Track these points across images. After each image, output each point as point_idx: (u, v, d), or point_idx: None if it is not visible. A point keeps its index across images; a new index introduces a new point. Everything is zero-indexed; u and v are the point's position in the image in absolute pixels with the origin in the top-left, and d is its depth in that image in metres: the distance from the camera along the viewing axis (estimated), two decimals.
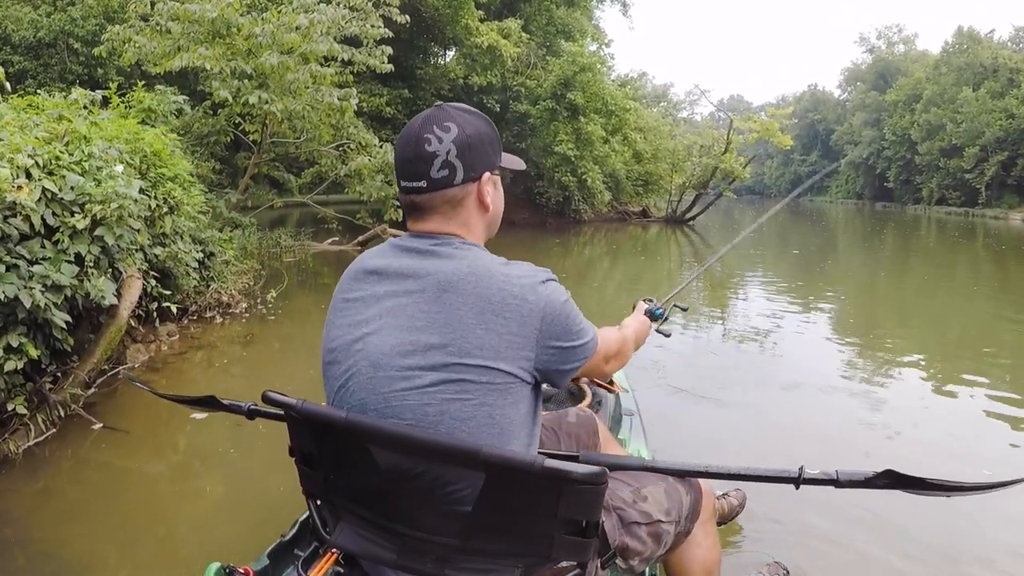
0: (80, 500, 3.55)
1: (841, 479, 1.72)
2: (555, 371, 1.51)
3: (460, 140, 1.49)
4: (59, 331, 4.23)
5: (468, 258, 1.46)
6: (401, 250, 1.51)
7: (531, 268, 1.50)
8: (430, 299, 1.41)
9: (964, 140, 48.08)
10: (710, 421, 4.95)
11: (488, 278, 1.42)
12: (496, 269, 1.44)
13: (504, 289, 1.41)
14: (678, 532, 1.90)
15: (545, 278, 1.49)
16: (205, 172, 11.67)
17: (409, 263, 1.47)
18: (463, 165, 1.50)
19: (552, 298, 1.46)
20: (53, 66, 18.92)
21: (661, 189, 29.97)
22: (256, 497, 3.55)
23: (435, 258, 1.46)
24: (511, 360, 1.39)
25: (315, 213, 15.37)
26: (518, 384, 1.42)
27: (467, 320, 1.38)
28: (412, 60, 24.10)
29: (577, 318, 1.53)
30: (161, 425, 4.63)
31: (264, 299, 8.37)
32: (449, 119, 1.50)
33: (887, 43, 75.79)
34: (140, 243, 5.51)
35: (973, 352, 7.46)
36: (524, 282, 1.44)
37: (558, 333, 1.47)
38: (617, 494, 1.82)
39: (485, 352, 1.37)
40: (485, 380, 1.37)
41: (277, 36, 10.34)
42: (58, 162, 4.72)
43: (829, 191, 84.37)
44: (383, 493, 1.41)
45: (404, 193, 1.53)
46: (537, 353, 1.43)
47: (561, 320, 1.47)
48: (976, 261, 18.98)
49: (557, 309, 1.46)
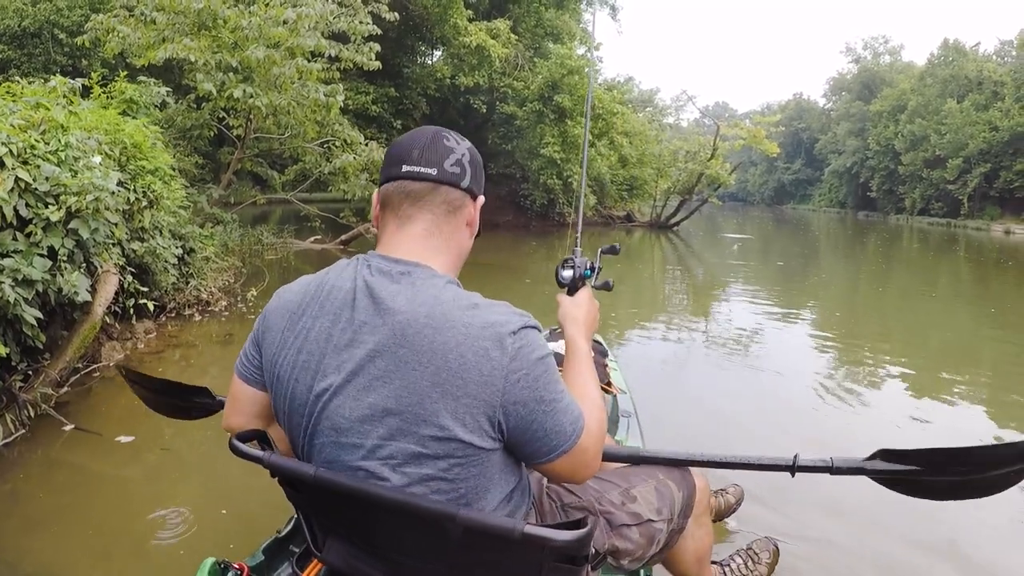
0: (50, 506, 3.38)
1: (835, 466, 1.74)
2: (523, 454, 1.32)
3: (473, 153, 1.44)
4: (30, 328, 4.07)
5: (428, 302, 1.25)
6: (367, 279, 1.30)
7: (503, 312, 1.28)
8: (387, 354, 1.23)
9: (948, 151, 48.42)
10: (708, 428, 4.85)
11: (446, 329, 1.22)
12: (457, 317, 1.23)
13: (463, 343, 1.21)
14: (671, 530, 1.88)
15: (518, 326, 1.26)
16: (187, 166, 11.51)
17: (366, 304, 1.27)
18: (472, 174, 1.42)
19: (522, 353, 1.23)
20: (37, 56, 18.66)
21: (646, 194, 30.07)
22: (239, 500, 3.39)
23: (395, 296, 1.26)
24: (472, 429, 1.22)
25: (298, 211, 15.22)
26: (483, 453, 1.25)
27: (421, 384, 1.20)
28: (399, 59, 23.94)
29: (554, 384, 1.28)
30: (136, 426, 4.44)
31: (244, 297, 8.20)
32: (459, 136, 1.44)
33: (873, 53, 76.34)
34: (117, 237, 5.36)
35: (955, 362, 7.43)
36: (489, 333, 1.22)
37: (525, 398, 1.23)
38: (606, 497, 1.80)
39: (441, 420, 1.20)
40: (444, 453, 1.22)
41: (264, 29, 10.17)
42: (33, 151, 4.55)
43: (812, 199, 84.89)
44: (367, 524, 1.33)
45: (403, 179, 1.37)
46: (501, 421, 1.23)
47: (529, 382, 1.23)
48: (958, 272, 19.06)
49: (526, 368, 1.23)
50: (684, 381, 6.26)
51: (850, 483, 1.94)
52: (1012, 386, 6.37)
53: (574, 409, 1.32)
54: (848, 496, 3.46)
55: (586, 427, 1.33)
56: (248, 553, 2.00)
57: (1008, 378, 6.75)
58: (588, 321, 1.81)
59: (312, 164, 13.21)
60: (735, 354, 7.21)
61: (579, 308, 1.83)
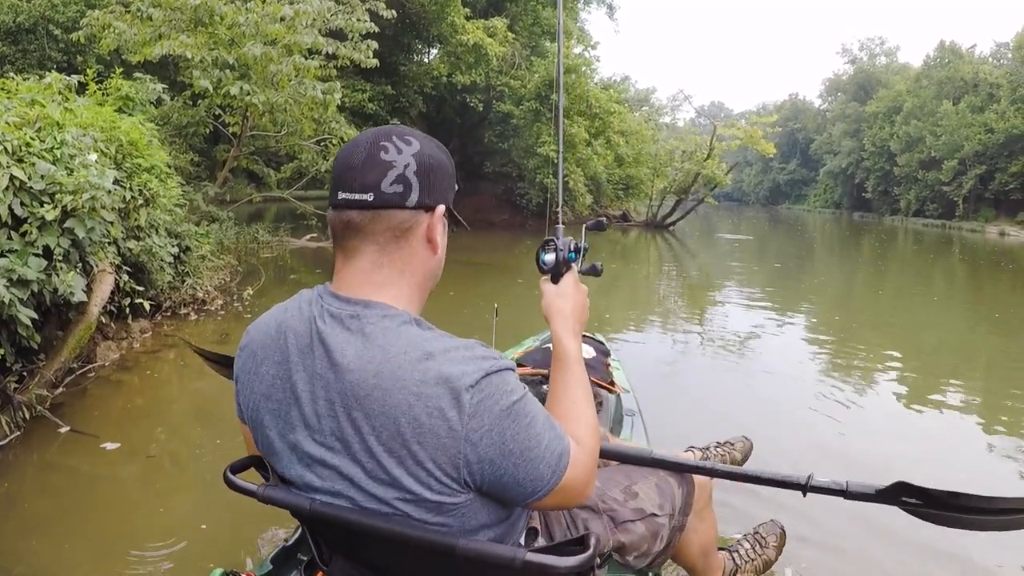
0: (46, 509, 3.33)
1: (850, 490, 1.66)
2: (501, 501, 1.22)
3: (422, 157, 1.22)
4: (25, 328, 4.01)
5: (376, 357, 1.13)
6: (319, 327, 1.20)
7: (461, 360, 1.13)
8: (343, 415, 1.14)
9: (943, 153, 48.49)
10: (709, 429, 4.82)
11: (396, 390, 1.10)
12: (407, 375, 1.10)
13: (415, 405, 1.09)
14: (673, 527, 1.87)
15: (477, 377, 1.11)
16: (183, 164, 11.44)
17: (320, 354, 1.17)
18: (420, 186, 1.21)
19: (483, 408, 1.11)
20: (32, 52, 18.54)
21: (641, 193, 30.04)
22: (237, 505, 3.34)
23: (345, 349, 1.15)
24: (439, 491, 1.13)
25: (293, 209, 15.16)
26: (459, 505, 1.16)
27: (378, 451, 1.12)
28: (395, 56, 23.85)
29: (524, 432, 1.15)
30: (132, 428, 4.41)
31: (241, 296, 8.15)
32: (410, 134, 1.25)
33: (869, 55, 76.37)
34: (113, 236, 5.31)
35: (950, 363, 7.47)
36: (443, 391, 1.10)
37: (490, 456, 1.12)
38: (608, 494, 1.78)
39: (405, 485, 1.13)
40: (417, 510, 1.15)
41: (261, 26, 10.11)
42: (28, 149, 4.50)
43: (807, 200, 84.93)
44: (368, 550, 1.30)
45: (338, 209, 1.22)
46: (467, 480, 1.14)
47: (493, 438, 1.12)
48: (953, 273, 19.08)
49: (488, 423, 1.11)
50: (682, 381, 6.24)
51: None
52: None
53: (555, 448, 1.19)
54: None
55: (572, 461, 1.22)
56: (256, 562, 2.00)
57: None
58: (576, 313, 1.60)
59: (308, 162, 13.15)
60: (734, 355, 7.19)
61: (565, 299, 1.61)
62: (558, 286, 1.64)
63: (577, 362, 1.47)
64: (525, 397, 1.17)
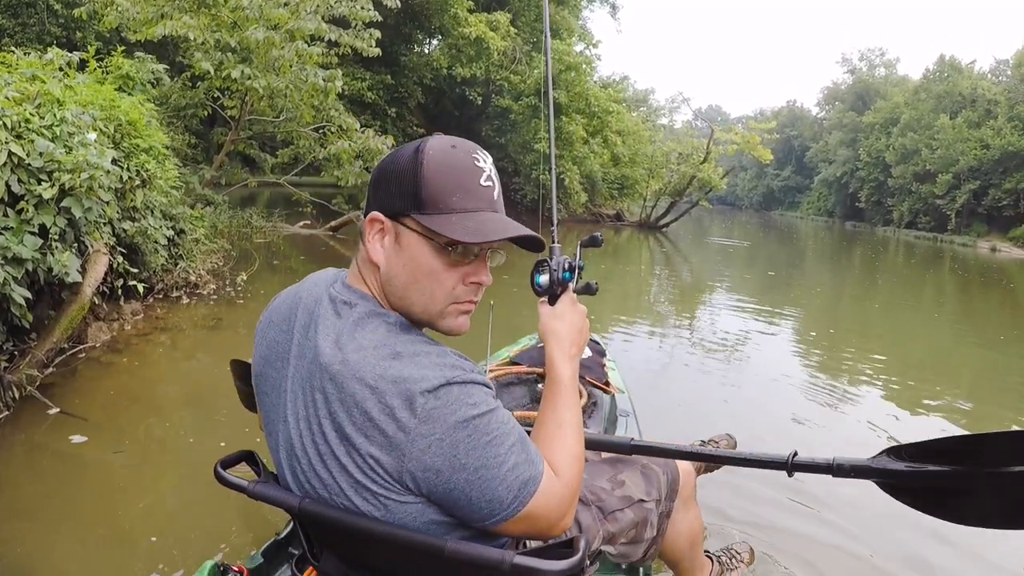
0: (33, 492, 3.28)
1: (837, 464, 1.56)
2: (456, 515, 1.18)
3: (380, 167, 1.26)
4: (17, 307, 3.96)
5: (349, 345, 1.15)
6: (322, 303, 1.25)
7: (425, 365, 1.12)
8: (308, 397, 1.18)
9: (938, 166, 48.72)
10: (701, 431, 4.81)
11: (355, 381, 1.11)
12: (369, 369, 1.11)
13: (369, 399, 1.09)
14: (660, 513, 1.90)
15: (436, 384, 1.09)
16: (180, 146, 11.37)
17: (312, 331, 1.22)
18: (371, 196, 1.26)
19: (436, 415, 1.08)
20: (31, 26, 18.45)
21: (636, 194, 30.03)
22: (225, 493, 3.30)
23: (327, 334, 1.19)
24: (385, 487, 1.13)
25: (286, 194, 15.07)
26: (412, 504, 1.16)
27: (331, 435, 1.14)
28: (396, 46, 23.80)
29: (482, 449, 1.11)
30: (122, 411, 4.37)
31: (234, 281, 8.08)
32: (422, 144, 1.23)
33: (868, 65, 76.58)
34: (109, 216, 5.24)
35: (936, 374, 7.51)
36: (399, 389, 1.08)
37: (437, 466, 1.09)
38: (596, 484, 1.80)
39: (353, 474, 1.14)
40: (374, 497, 1.15)
41: (265, 10, 10.06)
42: (27, 125, 4.42)
43: (800, 207, 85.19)
44: (357, 547, 1.30)
45: None
46: (410, 485, 1.12)
47: (444, 448, 1.09)
48: (943, 286, 19.15)
49: (440, 432, 1.08)
50: (671, 382, 6.23)
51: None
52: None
53: (521, 473, 1.15)
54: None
55: (542, 490, 1.17)
56: (246, 553, 1.99)
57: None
58: (572, 336, 1.53)
59: (306, 149, 13.09)
60: (723, 358, 7.19)
61: (561, 321, 1.55)
62: (554, 308, 1.59)
63: (570, 388, 1.42)
64: (492, 414, 1.14)
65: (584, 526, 1.69)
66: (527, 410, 2.56)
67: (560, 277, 1.62)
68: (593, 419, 2.88)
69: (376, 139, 12.53)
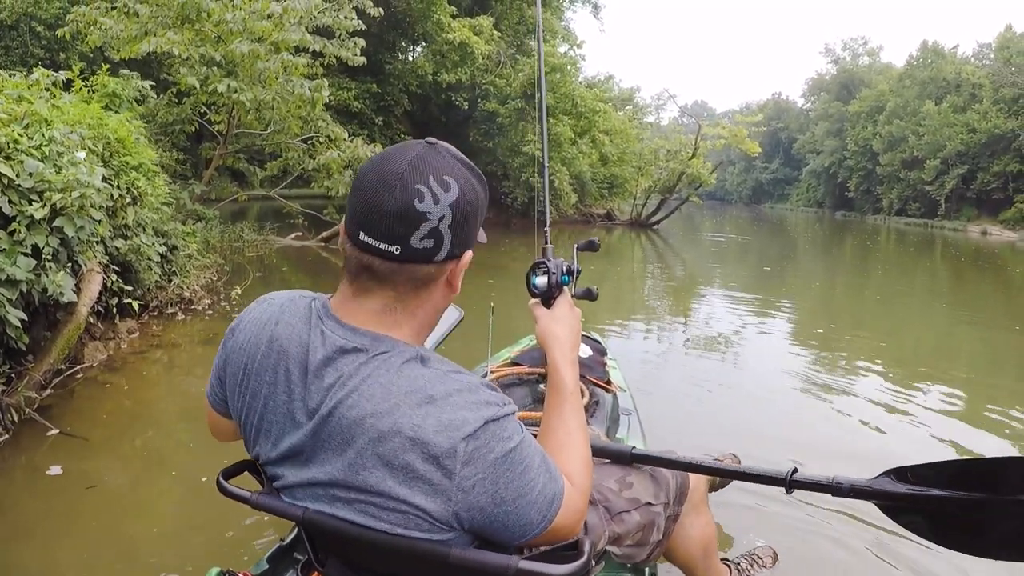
0: (35, 513, 3.26)
1: (838, 484, 1.56)
2: (487, 539, 1.18)
3: (459, 206, 1.12)
4: (13, 329, 3.93)
5: (376, 394, 1.09)
6: (319, 350, 1.16)
7: (462, 406, 1.10)
8: (336, 452, 1.12)
9: (925, 153, 48.94)
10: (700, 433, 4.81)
11: (392, 433, 1.07)
12: (406, 419, 1.07)
13: (410, 451, 1.06)
14: (668, 516, 1.87)
15: (476, 426, 1.08)
16: (168, 162, 11.33)
17: (320, 378, 1.14)
18: (452, 240, 1.13)
19: (478, 455, 1.08)
20: (14, 49, 18.46)
21: (626, 192, 30.06)
22: (227, 508, 3.28)
23: (347, 379, 1.12)
24: (427, 531, 1.12)
25: (277, 207, 15.06)
26: (451, 539, 1.14)
27: (369, 482, 1.10)
28: (381, 55, 23.78)
29: (517, 479, 1.11)
30: (122, 430, 4.35)
31: (228, 295, 8.06)
32: (450, 172, 1.13)
33: (852, 54, 76.93)
34: (101, 235, 5.23)
35: (935, 360, 7.53)
36: (441, 439, 1.06)
37: (481, 504, 1.10)
38: (603, 485, 1.78)
39: (394, 523, 1.11)
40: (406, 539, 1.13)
41: (248, 23, 10.03)
42: (16, 145, 4.40)
43: (790, 199, 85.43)
44: (362, 555, 1.28)
45: (360, 250, 1.13)
46: (454, 524, 1.11)
47: (486, 487, 1.09)
48: (936, 271, 19.21)
49: (482, 471, 1.08)
50: (673, 384, 6.19)
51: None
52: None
53: (548, 492, 1.15)
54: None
55: (564, 504, 1.18)
56: (252, 562, 1.96)
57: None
58: (572, 339, 1.53)
59: (295, 160, 13.07)
60: (719, 353, 7.19)
61: (560, 324, 1.55)
62: (552, 311, 1.58)
63: (574, 393, 1.42)
64: (523, 442, 1.14)
65: (590, 526, 1.65)
66: (529, 410, 2.55)
67: (558, 280, 1.62)
68: (595, 418, 2.86)
69: (365, 147, 12.53)
